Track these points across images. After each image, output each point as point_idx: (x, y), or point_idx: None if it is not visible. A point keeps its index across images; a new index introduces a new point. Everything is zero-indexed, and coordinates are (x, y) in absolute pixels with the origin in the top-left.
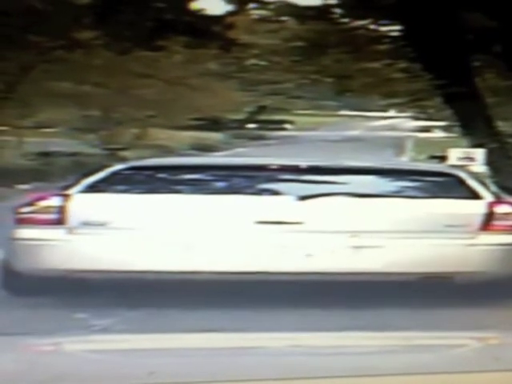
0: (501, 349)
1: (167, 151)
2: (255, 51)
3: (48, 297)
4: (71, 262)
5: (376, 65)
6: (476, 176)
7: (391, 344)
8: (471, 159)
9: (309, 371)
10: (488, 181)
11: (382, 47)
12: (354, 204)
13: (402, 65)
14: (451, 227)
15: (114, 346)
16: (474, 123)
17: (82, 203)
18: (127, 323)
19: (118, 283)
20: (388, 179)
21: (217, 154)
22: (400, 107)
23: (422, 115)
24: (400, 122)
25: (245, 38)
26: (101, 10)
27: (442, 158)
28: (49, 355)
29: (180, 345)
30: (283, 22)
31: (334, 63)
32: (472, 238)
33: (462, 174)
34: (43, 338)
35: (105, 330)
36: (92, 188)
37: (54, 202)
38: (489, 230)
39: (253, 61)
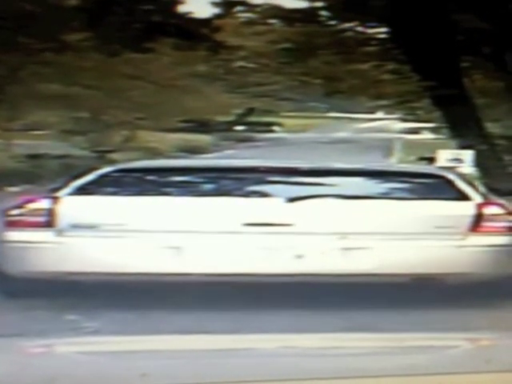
0: (492, 350)
1: (156, 153)
2: (243, 53)
3: (39, 299)
4: (61, 264)
5: (364, 66)
6: (465, 177)
7: (383, 345)
8: (460, 161)
9: (300, 373)
10: (477, 182)
11: (371, 49)
12: (342, 206)
13: (391, 66)
14: (440, 229)
15: (105, 347)
16: (462, 125)
17: (71, 205)
18: (118, 325)
19: (109, 285)
20: (377, 181)
21: (206, 155)
22: (388, 109)
23: (410, 117)
24: (388, 124)
25: (232, 40)
26: (90, 12)
27: (431, 160)
28: (40, 357)
29: (172, 346)
30: (270, 24)
31: (322, 65)
32: (461, 239)
33: (451, 176)
34: (34, 339)
35: (96, 332)
36: (81, 190)
37: (44, 204)
38: (478, 231)
39: (241, 63)
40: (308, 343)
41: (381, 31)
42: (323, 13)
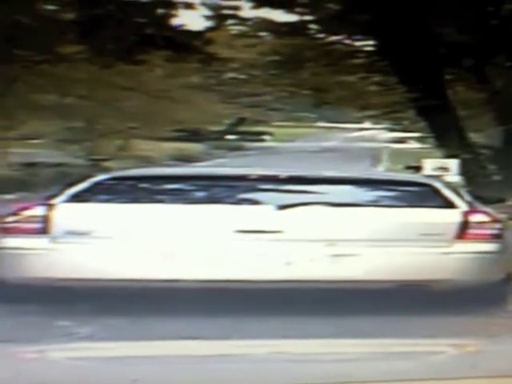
0: (478, 356)
1: (149, 162)
2: (234, 65)
3: (32, 304)
4: (55, 270)
5: (352, 78)
6: (450, 186)
7: (371, 351)
8: (445, 169)
9: (290, 378)
10: (462, 190)
11: (358, 61)
12: (331, 213)
13: (377, 78)
14: (427, 236)
15: (97, 353)
16: (447, 134)
17: (65, 213)
18: (111, 331)
19: (101, 291)
20: (365, 189)
21: (198, 164)
22: (375, 119)
23: (396, 127)
24: (376, 134)
25: (224, 52)
26: (84, 25)
27: (417, 169)
28: (32, 363)
29: (163, 352)
30: (261, 37)
31: (311, 76)
32: (447, 246)
33: (437, 184)
34: (27, 345)
35: (88, 338)
36: (76, 198)
37: (39, 211)
38: (464, 238)
39: (232, 74)
40: (297, 349)
41: (368, 44)
42: (312, 26)
